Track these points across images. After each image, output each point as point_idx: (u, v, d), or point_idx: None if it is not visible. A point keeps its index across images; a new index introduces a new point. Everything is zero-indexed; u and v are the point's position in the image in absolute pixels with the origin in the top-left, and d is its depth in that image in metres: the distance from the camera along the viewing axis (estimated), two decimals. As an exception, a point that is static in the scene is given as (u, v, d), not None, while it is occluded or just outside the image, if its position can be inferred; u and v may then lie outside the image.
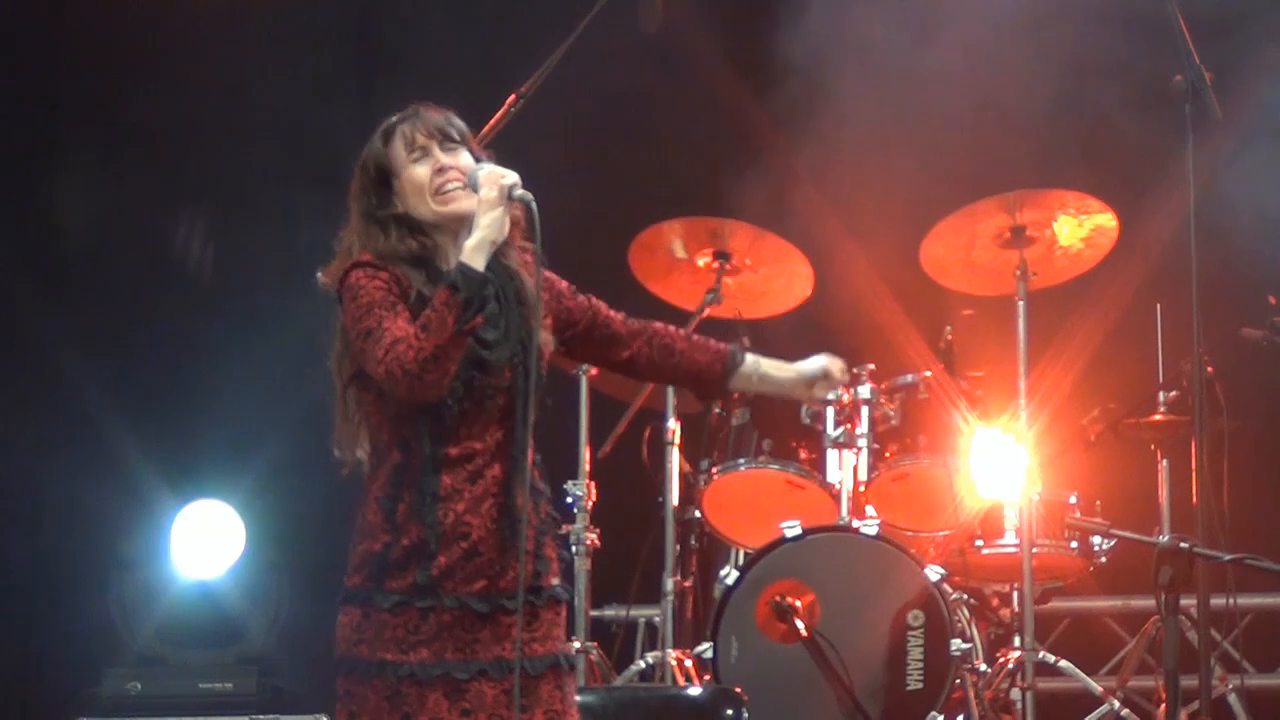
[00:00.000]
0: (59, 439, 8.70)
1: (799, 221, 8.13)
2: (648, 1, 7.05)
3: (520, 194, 4.52)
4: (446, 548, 4.43)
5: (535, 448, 4.55)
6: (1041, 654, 7.48)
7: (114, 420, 8.54)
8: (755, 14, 8.37)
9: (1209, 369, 6.86)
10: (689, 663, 7.33)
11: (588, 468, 7.51)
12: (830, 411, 7.61)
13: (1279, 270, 7.62)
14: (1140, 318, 7.82)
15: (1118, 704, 7.44)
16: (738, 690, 6.71)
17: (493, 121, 6.71)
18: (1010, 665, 7.40)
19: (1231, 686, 7.87)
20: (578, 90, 7.60)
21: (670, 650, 7.43)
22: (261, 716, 7.51)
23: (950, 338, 7.80)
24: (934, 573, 7.14)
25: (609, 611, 8.59)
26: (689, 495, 7.69)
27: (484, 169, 4.54)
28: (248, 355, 8.43)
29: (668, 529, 7.60)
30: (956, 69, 7.77)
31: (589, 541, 7.48)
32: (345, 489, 4.61)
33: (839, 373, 4.92)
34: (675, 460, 7.64)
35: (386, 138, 4.61)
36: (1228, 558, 5.46)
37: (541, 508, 4.59)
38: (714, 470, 7.66)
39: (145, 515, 8.17)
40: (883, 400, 7.67)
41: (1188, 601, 6.64)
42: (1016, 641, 7.45)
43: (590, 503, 7.49)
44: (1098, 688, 7.52)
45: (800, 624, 7.03)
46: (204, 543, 7.96)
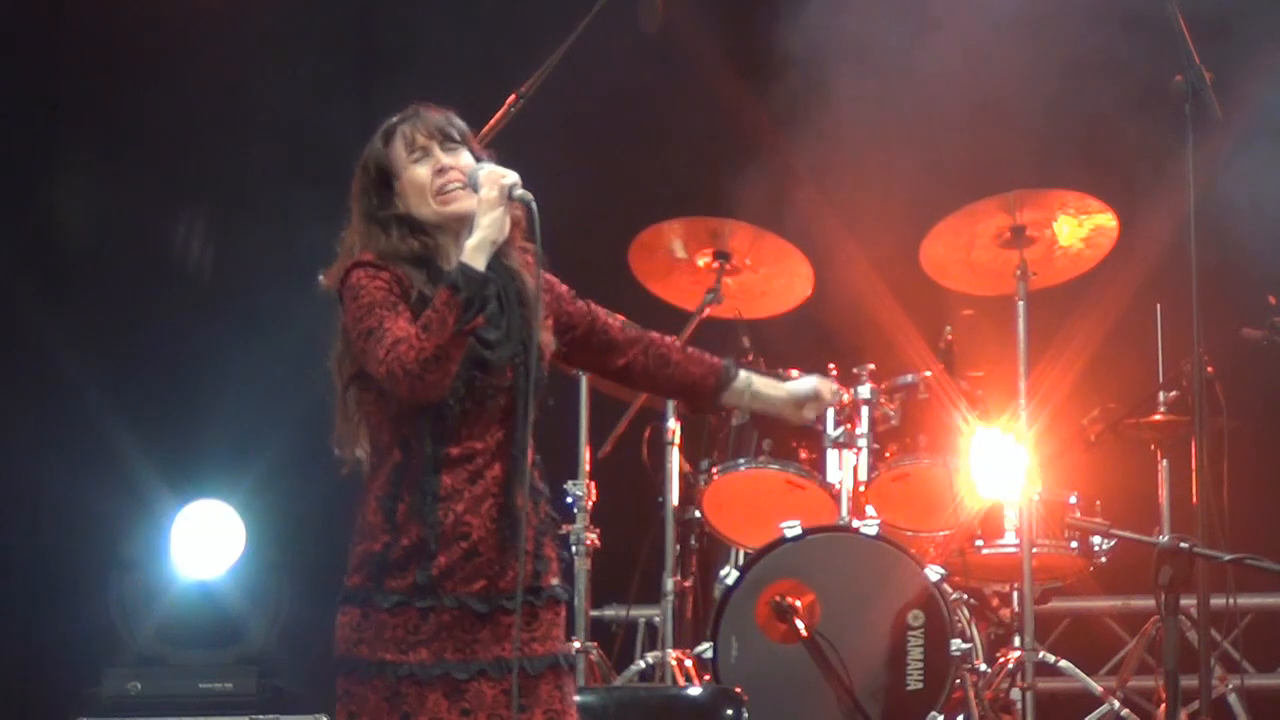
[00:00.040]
0: (59, 439, 8.70)
1: (799, 221, 8.12)
2: (648, 1, 7.05)
3: (520, 194, 4.52)
4: (446, 548, 4.43)
5: (535, 448, 4.55)
6: (1041, 654, 7.48)
7: (114, 420, 8.54)
8: (755, 14, 8.37)
9: (1209, 369, 6.85)
10: (689, 663, 7.33)
11: (588, 468, 7.50)
12: (830, 411, 7.60)
13: (1279, 270, 7.62)
14: (1140, 318, 7.81)
15: (1118, 704, 7.44)
16: (738, 690, 6.70)
17: (493, 121, 6.71)
18: (1010, 665, 7.40)
19: (1231, 686, 7.87)
20: (578, 90, 7.60)
21: (670, 650, 7.42)
22: (261, 716, 7.50)
23: (950, 338, 7.79)
24: (934, 573, 7.14)
25: (609, 611, 8.58)
26: (689, 495, 7.68)
27: (484, 169, 4.54)
28: (248, 355, 8.42)
29: (668, 529, 7.59)
30: (956, 68, 7.77)
31: (589, 541, 7.47)
32: (345, 489, 4.61)
33: (829, 394, 4.95)
34: (675, 460, 7.63)
35: (387, 138, 4.61)
36: (1228, 558, 5.46)
37: (541, 508, 4.59)
38: (714, 470, 7.65)
39: (145, 515, 8.17)
40: (883, 400, 7.66)
41: (1188, 601, 6.63)
42: (1016, 641, 7.45)
43: (590, 503, 7.48)
44: (1098, 688, 7.52)
45: (800, 624, 7.03)
46: (204, 543, 7.95)
